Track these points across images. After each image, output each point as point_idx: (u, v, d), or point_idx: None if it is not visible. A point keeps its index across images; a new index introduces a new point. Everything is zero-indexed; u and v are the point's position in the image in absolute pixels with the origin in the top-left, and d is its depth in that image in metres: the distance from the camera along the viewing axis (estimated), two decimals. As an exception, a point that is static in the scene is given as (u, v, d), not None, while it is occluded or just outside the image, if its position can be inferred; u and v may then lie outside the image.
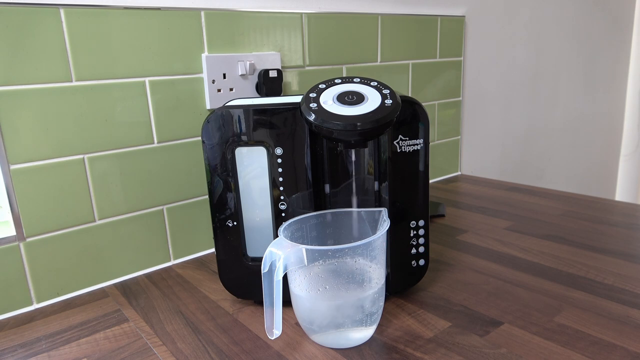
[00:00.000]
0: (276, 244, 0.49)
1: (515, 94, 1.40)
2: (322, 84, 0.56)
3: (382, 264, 0.53)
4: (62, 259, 0.67)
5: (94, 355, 0.54)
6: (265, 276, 0.49)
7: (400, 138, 0.58)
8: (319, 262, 0.50)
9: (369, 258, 0.51)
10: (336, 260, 0.50)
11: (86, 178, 0.68)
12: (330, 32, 0.91)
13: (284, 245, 0.49)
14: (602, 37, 1.72)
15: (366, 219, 0.56)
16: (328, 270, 0.51)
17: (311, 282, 0.51)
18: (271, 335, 0.50)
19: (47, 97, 0.63)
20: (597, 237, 0.79)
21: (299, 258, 0.48)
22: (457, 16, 1.15)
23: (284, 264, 0.48)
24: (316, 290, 0.51)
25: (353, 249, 0.49)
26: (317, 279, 0.50)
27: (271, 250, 0.49)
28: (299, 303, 0.51)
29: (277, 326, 0.50)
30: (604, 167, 1.94)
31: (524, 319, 0.56)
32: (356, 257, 0.50)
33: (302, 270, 0.50)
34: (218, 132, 0.56)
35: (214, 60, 0.76)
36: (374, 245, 0.50)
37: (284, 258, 0.47)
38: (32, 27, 0.61)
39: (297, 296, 0.52)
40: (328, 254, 0.50)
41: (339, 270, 0.50)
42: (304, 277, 0.51)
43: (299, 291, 0.51)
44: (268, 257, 0.49)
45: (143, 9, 0.69)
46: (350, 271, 0.51)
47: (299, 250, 0.48)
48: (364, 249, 0.49)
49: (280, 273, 0.48)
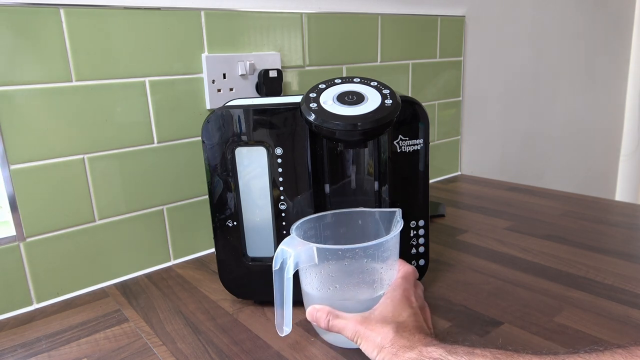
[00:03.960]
0: (287, 242, 0.49)
1: (515, 94, 1.40)
2: (322, 84, 0.56)
3: (394, 265, 0.53)
4: (62, 259, 0.67)
5: (94, 355, 0.54)
6: (276, 274, 0.49)
7: (400, 138, 0.58)
8: (330, 261, 0.50)
9: (381, 259, 0.50)
10: (347, 260, 0.50)
11: (86, 178, 0.68)
12: (330, 32, 0.91)
13: (295, 243, 0.49)
14: (602, 37, 1.72)
15: (380, 219, 0.56)
16: (339, 269, 0.50)
17: (322, 281, 0.51)
18: (281, 332, 0.50)
19: (47, 97, 0.63)
20: (597, 237, 0.79)
21: (309, 256, 0.48)
22: (457, 16, 1.15)
23: (295, 261, 0.48)
24: (327, 289, 0.51)
25: (364, 249, 0.49)
26: (328, 278, 0.50)
27: (282, 248, 0.49)
28: (310, 302, 0.51)
29: (287, 323, 0.50)
30: (604, 167, 1.94)
31: (524, 319, 0.56)
32: (367, 258, 0.50)
33: (314, 268, 0.50)
34: (218, 132, 0.56)
35: (214, 60, 0.76)
36: (386, 246, 0.50)
37: (294, 256, 0.48)
38: (32, 27, 0.61)
39: (308, 294, 0.52)
40: (339, 254, 0.49)
41: (350, 270, 0.50)
42: (315, 275, 0.51)
43: (310, 289, 0.51)
44: (279, 254, 0.49)
45: (143, 9, 0.69)
46: (361, 271, 0.51)
47: (309, 249, 0.48)
48: (376, 250, 0.49)
49: (291, 271, 0.48)
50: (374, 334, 0.44)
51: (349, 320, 0.47)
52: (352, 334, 0.46)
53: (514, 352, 0.39)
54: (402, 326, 0.45)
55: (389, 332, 0.44)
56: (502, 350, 0.39)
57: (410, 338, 0.43)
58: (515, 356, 0.38)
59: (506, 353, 0.39)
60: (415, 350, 0.42)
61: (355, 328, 0.46)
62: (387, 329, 0.44)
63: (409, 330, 0.44)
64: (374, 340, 0.44)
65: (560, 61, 1.55)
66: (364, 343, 0.45)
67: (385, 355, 0.43)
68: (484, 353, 0.39)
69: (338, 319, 0.47)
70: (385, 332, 0.44)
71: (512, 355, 0.38)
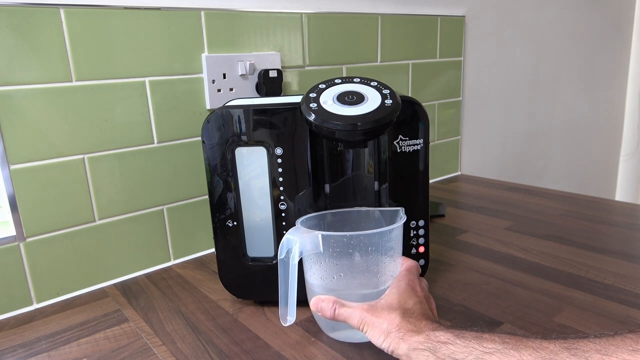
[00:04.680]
0: (293, 232, 0.50)
1: (515, 94, 1.40)
2: (322, 84, 0.56)
3: (398, 259, 0.53)
4: (62, 259, 0.67)
5: (94, 355, 0.54)
6: (281, 263, 0.50)
7: (400, 138, 0.58)
8: (335, 249, 0.50)
9: (385, 249, 0.51)
10: (352, 248, 0.50)
11: (86, 178, 0.68)
12: (330, 32, 0.91)
13: (301, 231, 0.50)
14: (602, 37, 1.72)
15: (384, 218, 0.57)
16: (344, 257, 0.51)
17: (327, 270, 0.51)
18: (285, 322, 0.50)
19: (47, 97, 0.63)
20: (597, 237, 0.79)
21: (314, 244, 0.49)
22: (457, 16, 1.15)
23: (300, 249, 0.48)
24: (331, 277, 0.51)
25: (369, 236, 0.49)
26: (333, 267, 0.51)
27: (288, 237, 0.49)
28: (315, 293, 0.51)
29: (292, 313, 0.50)
30: (604, 167, 1.94)
31: (524, 319, 0.56)
32: (372, 246, 0.50)
33: (319, 257, 0.50)
34: (218, 132, 0.56)
35: (214, 60, 0.76)
36: (390, 236, 0.50)
37: (300, 243, 0.48)
38: (32, 27, 0.61)
39: (312, 285, 0.52)
40: (344, 241, 0.50)
41: (355, 259, 0.51)
42: (320, 264, 0.51)
43: (314, 280, 0.52)
44: (285, 243, 0.49)
45: (143, 8, 0.69)
46: (366, 260, 0.51)
47: (315, 236, 0.49)
48: (380, 238, 0.50)
49: (296, 257, 0.48)
50: (380, 320, 0.45)
51: (355, 309, 0.47)
52: (358, 321, 0.46)
53: (523, 337, 0.38)
54: (408, 312, 0.45)
55: (395, 317, 0.44)
56: (511, 335, 0.39)
57: (417, 324, 0.43)
58: (524, 340, 0.38)
59: (515, 337, 0.39)
60: (423, 335, 0.42)
61: (362, 315, 0.46)
62: (393, 315, 0.44)
63: (415, 316, 0.44)
64: (380, 326, 0.44)
65: (560, 61, 1.55)
66: (370, 330, 0.45)
67: (392, 340, 0.43)
68: (493, 337, 0.39)
69: (344, 307, 0.47)
70: (392, 318, 0.44)
71: (520, 339, 0.38)
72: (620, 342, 0.34)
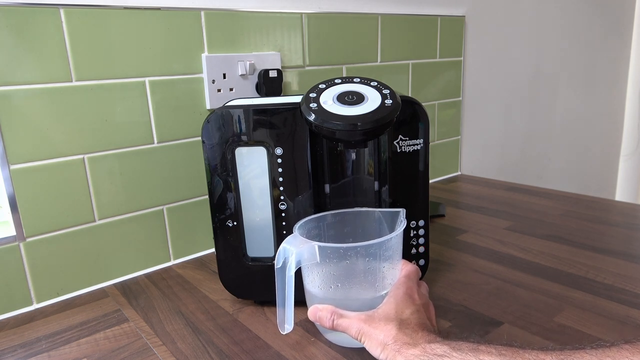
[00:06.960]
0: (289, 241, 0.50)
1: (515, 94, 1.40)
2: (322, 84, 0.56)
3: (397, 265, 0.53)
4: (62, 259, 0.67)
5: (94, 355, 0.54)
6: (278, 272, 0.50)
7: (400, 138, 0.58)
8: (332, 260, 0.50)
9: (383, 258, 0.50)
10: (349, 258, 0.50)
11: (86, 178, 0.68)
12: (330, 32, 0.91)
13: (297, 241, 0.49)
14: (602, 37, 1.72)
15: (384, 219, 0.56)
16: (341, 268, 0.50)
17: (324, 280, 0.51)
18: (283, 330, 0.50)
19: (47, 97, 0.63)
20: (597, 237, 0.79)
21: (311, 254, 0.48)
22: (457, 16, 1.15)
23: (297, 260, 0.48)
24: (329, 287, 0.51)
25: (366, 247, 0.49)
26: (330, 277, 0.51)
27: (284, 247, 0.49)
28: (313, 300, 0.51)
29: (289, 321, 0.50)
30: (604, 167, 1.94)
31: (524, 319, 0.56)
32: (369, 257, 0.50)
33: (316, 267, 0.50)
34: (218, 132, 0.56)
35: (214, 60, 0.76)
36: (388, 245, 0.50)
37: (296, 254, 0.48)
38: (32, 27, 0.61)
39: (310, 293, 0.52)
40: (340, 252, 0.49)
41: (352, 269, 0.50)
42: (317, 273, 0.51)
43: (312, 288, 0.51)
44: (281, 253, 0.49)
45: (143, 9, 0.69)
46: (363, 270, 0.51)
47: (311, 247, 0.48)
48: (378, 249, 0.49)
49: (293, 268, 0.48)
50: (377, 332, 0.45)
51: (353, 319, 0.47)
52: (355, 332, 0.46)
53: (519, 349, 0.38)
54: (404, 323, 0.45)
55: (391, 329, 0.44)
56: (508, 346, 0.39)
57: (413, 335, 0.43)
58: (521, 352, 0.38)
59: (512, 349, 0.39)
60: (419, 347, 0.42)
61: (359, 326, 0.46)
62: (389, 327, 0.44)
63: (411, 327, 0.44)
64: (377, 338, 0.44)
65: (560, 61, 1.55)
66: (368, 341, 0.45)
67: (388, 352, 0.43)
68: (489, 349, 0.39)
69: (342, 318, 0.48)
70: (388, 330, 0.44)
71: (517, 351, 0.38)
72: (617, 354, 0.34)
